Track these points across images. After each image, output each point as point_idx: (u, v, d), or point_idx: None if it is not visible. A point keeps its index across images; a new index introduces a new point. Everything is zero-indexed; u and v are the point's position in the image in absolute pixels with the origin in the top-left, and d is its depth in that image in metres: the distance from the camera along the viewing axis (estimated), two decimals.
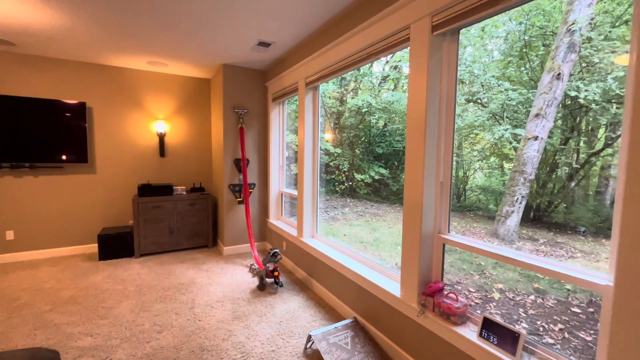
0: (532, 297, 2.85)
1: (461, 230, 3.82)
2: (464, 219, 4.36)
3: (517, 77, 3.69)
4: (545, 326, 2.48)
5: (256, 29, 2.74)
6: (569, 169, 3.04)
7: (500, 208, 3.12)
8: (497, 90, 3.91)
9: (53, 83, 3.66)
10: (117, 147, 4.03)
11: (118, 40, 3.05)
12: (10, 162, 3.46)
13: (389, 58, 6.96)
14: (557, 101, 2.74)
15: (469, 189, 4.69)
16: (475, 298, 3.04)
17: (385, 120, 7.11)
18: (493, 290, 3.12)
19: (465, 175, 4.62)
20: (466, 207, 4.52)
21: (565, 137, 3.01)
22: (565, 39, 2.67)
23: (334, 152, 7.07)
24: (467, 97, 4.26)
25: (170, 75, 4.26)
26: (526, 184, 2.93)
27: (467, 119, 4.33)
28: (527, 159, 2.88)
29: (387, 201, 6.98)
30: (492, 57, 4.22)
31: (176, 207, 3.97)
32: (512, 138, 3.50)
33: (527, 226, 3.21)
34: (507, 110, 3.67)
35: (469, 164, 4.68)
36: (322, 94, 6.46)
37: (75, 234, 3.91)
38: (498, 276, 3.31)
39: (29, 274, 3.27)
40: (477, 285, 3.27)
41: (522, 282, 3.07)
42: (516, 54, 3.71)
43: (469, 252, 2.88)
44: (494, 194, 4.18)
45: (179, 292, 2.90)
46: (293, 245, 3.44)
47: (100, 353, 2.02)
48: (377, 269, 2.35)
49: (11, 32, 2.90)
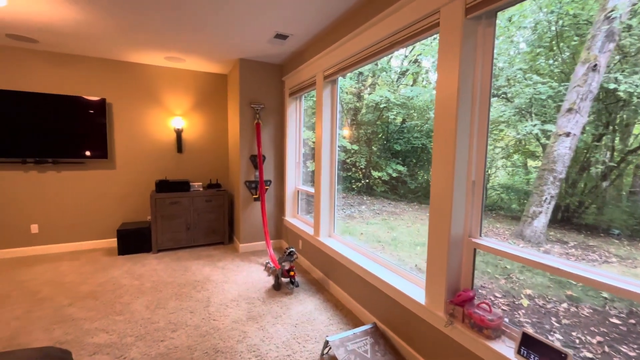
0: (565, 304, 2.64)
1: (483, 230, 3.62)
2: (486, 218, 4.15)
3: (547, 70, 3.44)
4: (581, 338, 2.28)
5: (273, 20, 2.64)
6: (602, 168, 2.81)
7: (527, 208, 2.92)
8: (525, 84, 3.67)
9: (74, 79, 3.71)
10: (135, 143, 4.06)
11: (135, 35, 3.03)
12: (34, 157, 3.53)
13: (408, 52, 6.73)
14: (592, 94, 2.52)
15: (490, 188, 4.46)
16: (501, 304, 2.86)
17: (403, 117, 6.90)
18: (521, 296, 2.92)
19: (487, 173, 4.41)
20: (488, 207, 4.31)
21: (599, 134, 2.77)
22: (603, 27, 2.44)
23: (350, 149, 6.93)
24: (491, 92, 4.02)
25: (187, 70, 4.25)
26: (556, 183, 2.73)
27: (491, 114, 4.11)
28: (557, 157, 2.67)
29: (404, 199, 6.79)
30: (518, 49, 3.97)
31: (193, 204, 3.96)
32: (541, 134, 3.27)
33: (556, 228, 3.00)
34: (535, 105, 3.44)
35: (490, 162, 4.46)
36: (339, 89, 6.33)
37: (96, 229, 3.98)
38: (526, 281, 3.11)
39: (51, 267, 3.33)
40: (503, 290, 3.08)
41: (553, 288, 2.86)
42: (546, 45, 3.46)
43: (492, 254, 2.71)
44: (518, 193, 3.96)
45: (195, 290, 2.87)
46: (309, 244, 3.35)
47: (115, 351, 2.00)
48: (397, 272, 2.22)
49: (33, 29, 2.93)
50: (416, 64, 6.93)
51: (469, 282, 1.69)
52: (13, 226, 3.59)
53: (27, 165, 3.58)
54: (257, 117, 3.84)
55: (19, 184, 3.58)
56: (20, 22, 2.76)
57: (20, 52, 3.46)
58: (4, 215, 3.55)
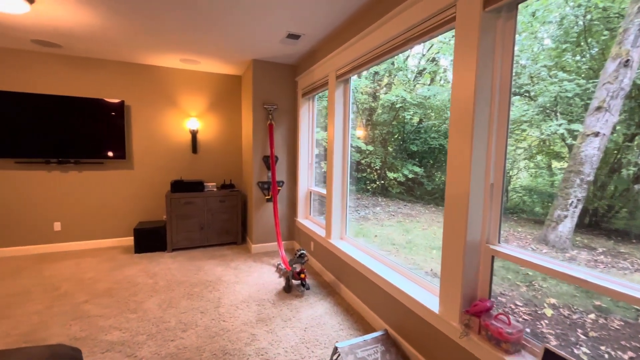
0: (593, 316, 2.47)
1: (504, 235, 3.46)
2: (507, 222, 3.97)
3: (574, 67, 3.25)
4: (611, 353, 2.12)
5: (285, 19, 2.62)
6: (635, 170, 2.61)
7: (551, 212, 2.76)
8: (549, 82, 3.49)
9: (95, 82, 3.83)
10: (152, 144, 4.15)
11: (152, 39, 3.09)
12: (57, 158, 3.67)
13: (426, 51, 6.57)
14: (623, 92, 2.34)
15: (511, 190, 4.28)
16: (522, 313, 2.71)
17: (420, 117, 6.75)
18: (544, 305, 2.76)
19: (507, 175, 4.23)
20: (509, 209, 4.12)
21: (632, 133, 2.58)
22: (636, 19, 2.26)
23: (365, 150, 6.83)
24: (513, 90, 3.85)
25: (202, 72, 4.30)
26: (583, 186, 2.56)
27: (513, 113, 3.93)
28: (585, 158, 2.51)
29: (421, 201, 6.62)
30: (542, 45, 3.77)
31: (207, 204, 4.00)
32: (567, 134, 3.08)
33: (583, 233, 2.82)
34: (560, 103, 3.26)
35: (512, 163, 4.27)
36: (354, 89, 6.24)
37: (115, 227, 4.09)
38: (550, 289, 2.93)
39: (72, 264, 3.45)
40: (524, 298, 2.92)
41: (580, 297, 2.68)
42: (573, 41, 3.27)
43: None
44: (541, 195, 3.77)
45: (206, 290, 2.89)
46: (321, 247, 3.30)
47: (126, 349, 2.03)
48: (411, 277, 2.14)
49: (57, 34, 3.04)
50: (434, 63, 6.76)
51: (486, 291, 1.59)
52: (37, 224, 3.75)
53: (50, 165, 3.73)
54: (270, 118, 3.84)
55: (43, 183, 3.73)
56: (44, 27, 2.87)
57: (45, 57, 3.60)
58: (29, 213, 3.71)
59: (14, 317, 2.38)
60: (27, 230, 3.72)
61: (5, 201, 3.60)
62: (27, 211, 3.69)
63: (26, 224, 3.71)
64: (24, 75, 3.55)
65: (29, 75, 3.57)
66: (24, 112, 3.48)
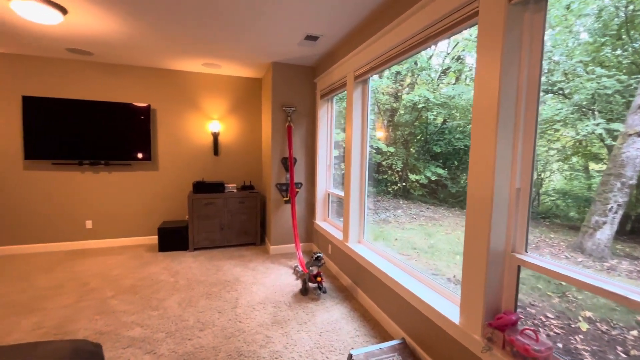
0: (635, 332, 2.25)
1: (534, 241, 3.24)
2: (538, 227, 3.73)
3: (614, 62, 3.00)
4: None
5: (304, 20, 2.61)
6: None
7: (588, 217, 2.56)
8: (586, 78, 3.24)
9: (124, 87, 4.02)
10: (176, 146, 4.29)
11: (177, 45, 3.20)
12: (90, 159, 3.88)
13: (451, 49, 6.35)
14: None
15: (543, 193, 4.02)
16: (554, 326, 2.52)
17: (444, 117, 6.53)
18: (579, 318, 2.55)
19: (539, 177, 3.97)
20: (540, 214, 3.87)
21: None
22: None
23: (386, 151, 6.71)
24: (544, 88, 3.62)
25: (224, 76, 4.40)
26: (624, 190, 2.35)
27: (545, 112, 3.70)
28: (626, 160, 2.30)
29: (444, 204, 6.40)
30: (578, 39, 3.52)
31: (227, 205, 4.07)
32: (606, 134, 2.85)
33: (624, 240, 2.58)
34: (598, 101, 3.01)
35: (544, 165, 4.01)
36: (375, 89, 6.14)
37: (141, 226, 4.27)
38: (585, 301, 2.71)
39: (101, 261, 3.62)
40: (556, 310, 2.72)
41: (620, 311, 2.46)
42: (613, 34, 3.02)
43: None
44: (577, 199, 3.51)
45: (224, 290, 2.93)
46: (338, 250, 3.26)
47: (146, 345, 2.09)
48: (430, 285, 2.05)
49: (89, 43, 3.21)
50: (459, 61, 6.52)
51: (511, 303, 1.49)
52: (71, 221, 3.98)
53: (83, 166, 3.94)
54: (288, 120, 3.85)
55: (77, 183, 3.95)
56: (77, 36, 3.04)
57: (78, 64, 3.82)
58: (64, 211, 3.94)
59: (46, 309, 2.52)
60: (62, 228, 3.95)
61: (43, 200, 3.85)
62: (62, 209, 3.93)
63: (61, 222, 3.94)
64: (59, 82, 3.78)
65: (64, 82, 3.80)
66: (60, 117, 3.71)
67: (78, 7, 2.42)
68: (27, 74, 3.68)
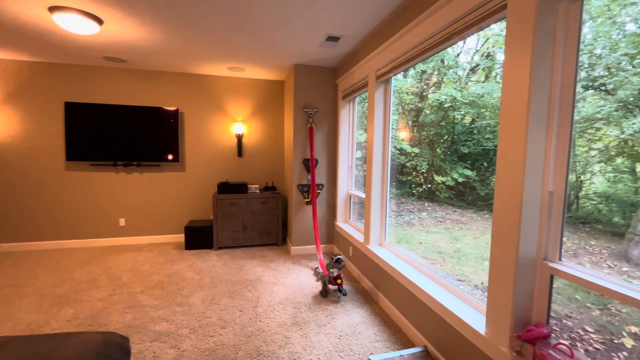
0: None
1: (572, 248, 3.01)
2: (577, 233, 3.46)
3: None
4: None
5: (325, 21, 2.60)
6: None
7: (635, 224, 2.34)
8: (633, 72, 2.97)
9: (154, 92, 4.21)
10: (202, 148, 4.44)
11: (204, 50, 3.32)
12: (123, 160, 4.11)
13: (480, 45, 6.09)
14: None
15: (583, 197, 3.72)
16: (593, 342, 2.32)
17: (473, 116, 6.26)
18: (623, 334, 2.34)
19: (578, 180, 3.68)
20: (580, 219, 3.59)
21: None
22: None
23: (411, 152, 6.54)
24: (584, 84, 3.34)
25: (247, 79, 4.49)
26: None
27: (585, 110, 3.43)
28: None
29: (472, 207, 6.13)
30: (623, 31, 3.23)
31: (250, 205, 4.15)
32: None
33: None
34: None
35: (584, 166, 3.71)
36: (399, 89, 6.02)
37: (169, 224, 4.45)
38: (631, 315, 2.48)
39: (133, 257, 3.82)
40: (597, 324, 2.51)
41: None
42: None
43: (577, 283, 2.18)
44: (622, 204, 3.22)
45: (246, 289, 2.98)
46: (359, 252, 3.22)
47: (171, 340, 2.16)
48: (455, 292, 1.97)
49: (123, 51, 3.40)
50: (488, 58, 6.24)
51: (543, 315, 1.39)
52: (106, 219, 4.23)
53: (117, 167, 4.18)
54: (310, 121, 3.86)
55: (111, 183, 4.20)
56: (112, 45, 3.23)
57: (112, 71, 4.06)
58: (100, 209, 4.19)
59: (82, 301, 2.69)
60: (98, 225, 4.21)
61: (81, 199, 4.12)
62: (98, 208, 4.19)
63: (97, 219, 4.20)
64: (96, 88, 4.04)
65: (101, 88, 4.05)
66: (97, 121, 3.96)
67: (113, 18, 2.57)
68: (68, 81, 3.96)
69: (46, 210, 4.04)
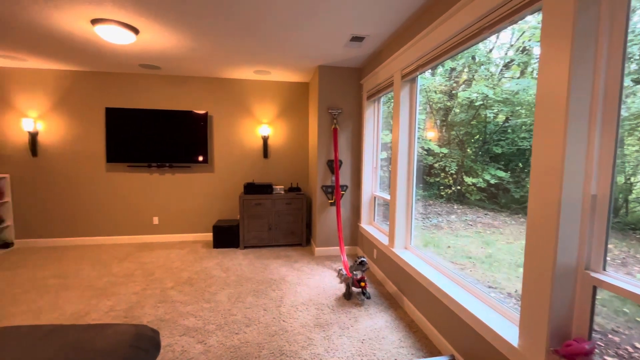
0: None
1: (620, 256, 2.76)
2: (626, 240, 3.16)
3: None
4: None
5: (349, 21, 2.59)
6: None
7: None
8: None
9: (185, 96, 4.41)
10: (229, 150, 4.58)
11: (232, 56, 3.44)
12: (157, 162, 4.33)
13: (515, 40, 5.78)
14: None
15: (633, 200, 3.39)
16: None
17: (506, 114, 5.94)
18: None
19: (628, 182, 3.36)
20: (629, 225, 3.27)
21: None
22: None
23: (439, 153, 6.32)
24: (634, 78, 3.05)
25: (273, 82, 4.57)
26: None
27: (635, 106, 3.13)
28: None
29: (506, 210, 5.80)
30: None
31: (274, 206, 4.21)
32: None
33: None
34: None
35: (634, 167, 3.38)
36: (427, 88, 5.85)
37: (198, 223, 4.63)
38: None
39: (165, 254, 4.01)
40: None
41: None
42: None
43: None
44: None
45: (270, 288, 3.02)
46: (384, 255, 3.16)
47: (198, 335, 2.24)
48: (485, 300, 1.87)
49: (158, 58, 3.59)
50: (524, 53, 5.90)
51: (585, 328, 1.28)
52: (141, 217, 4.47)
53: (151, 168, 4.41)
54: (334, 122, 3.85)
55: (146, 184, 4.44)
56: (147, 53, 3.42)
57: (147, 77, 4.30)
58: (135, 208, 4.45)
59: (119, 294, 2.86)
60: (133, 223, 4.47)
61: (119, 198, 4.40)
62: (134, 207, 4.44)
63: (133, 218, 4.46)
64: (132, 94, 4.29)
65: (136, 94, 4.30)
66: (133, 124, 4.20)
67: (147, 28, 2.72)
68: (108, 87, 4.24)
69: (89, 209, 4.35)
